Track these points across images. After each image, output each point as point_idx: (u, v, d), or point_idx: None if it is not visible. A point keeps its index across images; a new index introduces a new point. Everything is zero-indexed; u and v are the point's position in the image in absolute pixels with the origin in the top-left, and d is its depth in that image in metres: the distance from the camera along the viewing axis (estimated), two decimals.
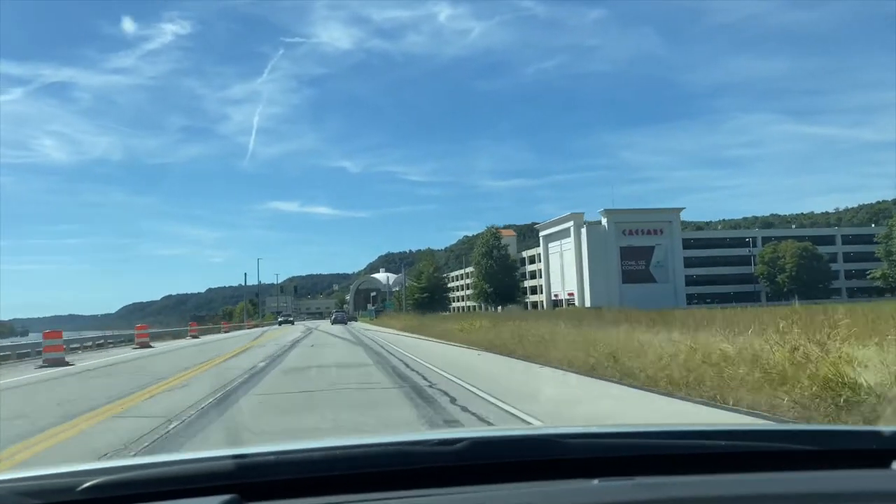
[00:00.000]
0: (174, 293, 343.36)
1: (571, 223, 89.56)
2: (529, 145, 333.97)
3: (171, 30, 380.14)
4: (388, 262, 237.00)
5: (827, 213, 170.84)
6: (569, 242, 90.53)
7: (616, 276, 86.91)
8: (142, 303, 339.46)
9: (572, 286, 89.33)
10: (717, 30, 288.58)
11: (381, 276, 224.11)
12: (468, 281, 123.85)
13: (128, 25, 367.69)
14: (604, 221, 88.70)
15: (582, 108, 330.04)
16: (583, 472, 1.42)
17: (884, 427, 1.62)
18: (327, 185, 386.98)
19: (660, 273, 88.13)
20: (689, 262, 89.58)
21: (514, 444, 1.69)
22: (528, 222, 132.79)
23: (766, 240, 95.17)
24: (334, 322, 75.76)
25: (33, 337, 41.72)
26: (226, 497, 1.29)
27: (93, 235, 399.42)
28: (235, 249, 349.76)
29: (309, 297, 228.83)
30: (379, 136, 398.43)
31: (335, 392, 9.94)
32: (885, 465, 1.48)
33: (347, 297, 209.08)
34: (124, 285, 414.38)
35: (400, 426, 6.90)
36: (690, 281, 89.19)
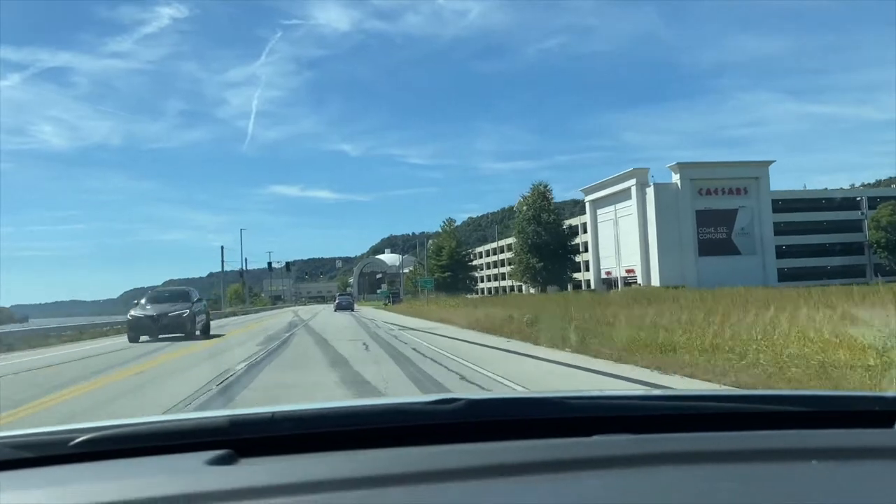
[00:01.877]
0: (175, 278, 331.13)
1: (633, 182, 71.54)
2: (530, 127, 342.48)
3: (167, 13, 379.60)
4: (392, 244, 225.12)
5: (842, 188, 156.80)
6: (627, 206, 72.61)
7: (691, 246, 69.17)
8: (143, 288, 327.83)
9: (632, 261, 71.59)
10: (717, 8, 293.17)
11: (386, 257, 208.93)
12: (497, 258, 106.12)
13: (125, 9, 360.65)
14: (675, 178, 70.71)
15: (583, 88, 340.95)
16: (578, 431, 1.39)
17: (888, 392, 1.57)
18: (328, 168, 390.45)
19: (744, 243, 70.36)
20: (776, 230, 71.77)
21: (512, 403, 1.68)
22: None
23: (871, 201, 77.05)
24: (338, 308, 58.78)
25: (33, 323, 39.34)
26: (220, 452, 1.26)
27: (94, 221, 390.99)
28: (237, 234, 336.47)
29: (307, 277, 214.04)
30: (379, 118, 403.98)
31: None
32: (888, 425, 1.44)
33: (351, 280, 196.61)
34: (126, 270, 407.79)
35: None
36: (779, 252, 71.40)
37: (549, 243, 60.27)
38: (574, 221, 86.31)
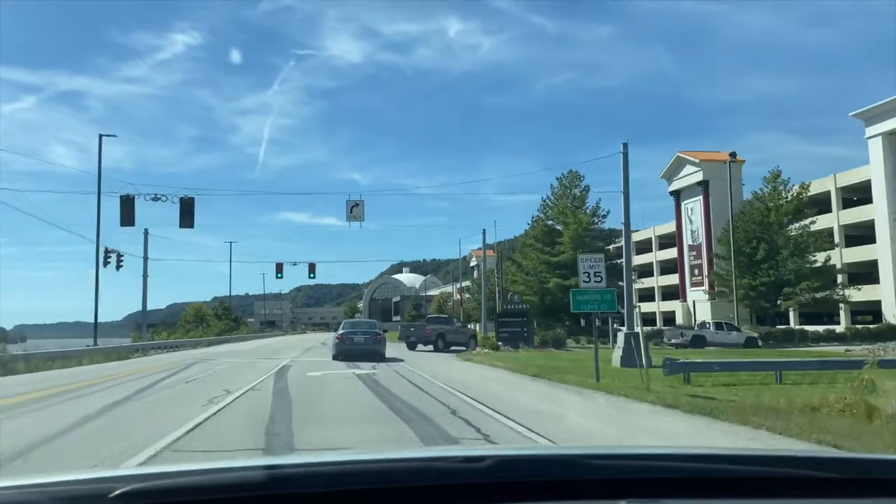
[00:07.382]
0: (179, 301, 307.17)
1: None
2: (538, 160, 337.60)
3: (182, 40, 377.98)
4: (403, 269, 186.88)
5: None
6: None
7: None
8: (146, 311, 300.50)
9: None
10: (728, 48, 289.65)
11: (404, 277, 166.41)
12: (657, 256, 61.46)
13: (141, 35, 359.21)
14: None
15: (591, 124, 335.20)
16: (608, 493, 1.43)
17: None
18: (337, 196, 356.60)
19: None
20: None
21: (540, 463, 1.72)
22: None
23: None
24: (343, 353, 23.63)
25: (31, 344, 38.58)
26: None
27: (102, 243, 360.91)
28: (245, 259, 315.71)
29: (290, 293, 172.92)
30: (388, 149, 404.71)
31: None
32: None
33: (360, 305, 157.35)
34: (131, 293, 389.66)
35: None
36: None
37: None
38: (826, 184, 41.18)
